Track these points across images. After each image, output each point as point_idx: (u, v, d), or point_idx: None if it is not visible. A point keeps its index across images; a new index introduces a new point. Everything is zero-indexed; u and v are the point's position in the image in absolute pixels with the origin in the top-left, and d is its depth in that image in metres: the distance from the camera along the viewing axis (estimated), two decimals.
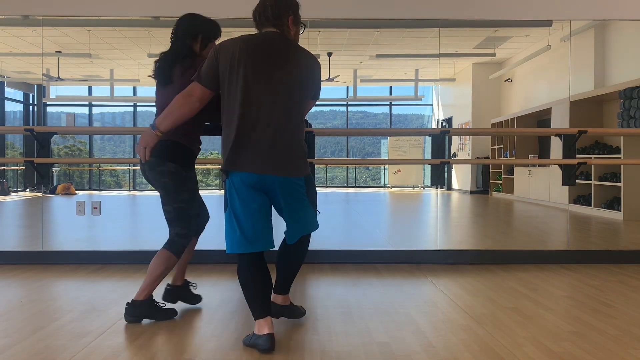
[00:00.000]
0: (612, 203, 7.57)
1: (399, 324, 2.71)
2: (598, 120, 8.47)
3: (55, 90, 12.28)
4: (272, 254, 2.66)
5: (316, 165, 4.47)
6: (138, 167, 13.28)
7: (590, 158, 7.39)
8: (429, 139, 11.61)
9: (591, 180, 7.94)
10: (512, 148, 10.18)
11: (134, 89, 12.19)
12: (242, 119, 2.36)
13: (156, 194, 2.80)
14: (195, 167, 2.88)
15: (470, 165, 10.90)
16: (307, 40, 2.74)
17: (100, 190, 13.00)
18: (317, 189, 5.93)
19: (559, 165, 4.56)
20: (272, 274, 2.47)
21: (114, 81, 11.13)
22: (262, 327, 2.34)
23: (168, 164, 2.68)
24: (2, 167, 11.72)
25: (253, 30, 2.65)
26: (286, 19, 2.52)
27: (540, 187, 9.19)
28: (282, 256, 2.67)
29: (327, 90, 13.03)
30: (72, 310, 2.93)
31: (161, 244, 2.79)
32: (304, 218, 2.56)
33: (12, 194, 11.56)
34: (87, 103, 12.78)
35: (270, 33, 2.50)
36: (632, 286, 3.55)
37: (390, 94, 13.13)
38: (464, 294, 3.34)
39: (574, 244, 5.17)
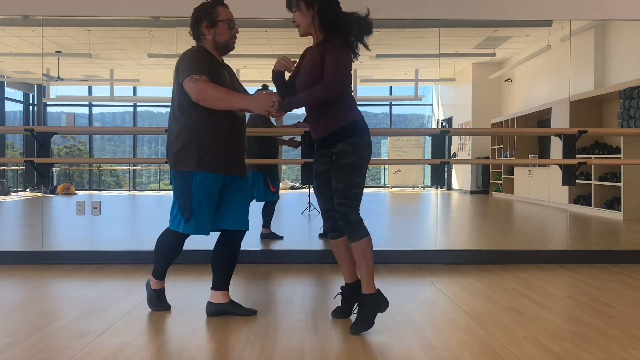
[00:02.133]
0: (612, 203, 7.57)
1: (399, 324, 2.70)
2: (598, 120, 8.47)
3: (55, 90, 12.27)
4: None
5: None
6: (138, 167, 13.32)
7: (590, 158, 7.39)
8: (429, 139, 11.61)
9: (591, 180, 7.94)
10: (512, 148, 10.18)
11: (134, 89, 12.17)
12: None
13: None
14: None
15: (470, 165, 10.89)
16: (308, 40, 2.74)
17: (100, 190, 12.99)
18: None
19: (559, 165, 4.56)
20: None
21: (114, 81, 11.12)
22: None
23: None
24: (2, 167, 11.72)
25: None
26: (201, 28, 2.76)
27: (540, 187, 9.19)
28: None
29: None
30: (72, 310, 2.93)
31: None
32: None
33: (12, 194, 11.56)
34: (87, 103, 12.76)
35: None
36: (632, 286, 3.55)
37: (390, 94, 13.12)
38: (464, 294, 3.34)
39: (574, 244, 5.17)
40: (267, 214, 5.37)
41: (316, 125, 2.69)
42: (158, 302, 2.94)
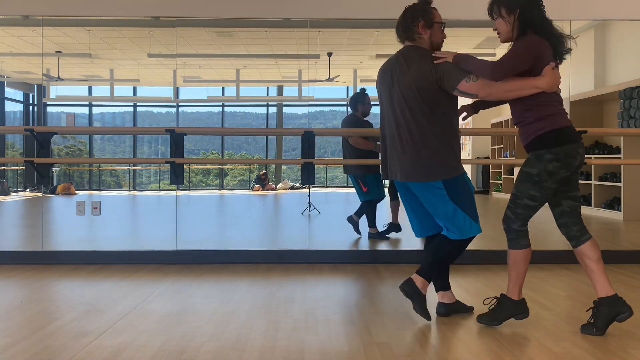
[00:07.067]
0: (612, 203, 7.57)
1: (399, 324, 2.70)
2: (598, 120, 8.47)
3: (55, 90, 12.28)
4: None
5: (316, 165, 4.48)
6: (138, 167, 13.31)
7: (590, 158, 7.38)
8: None
9: (591, 180, 7.94)
10: (512, 148, 10.18)
11: (134, 89, 12.18)
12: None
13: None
14: (196, 167, 2.87)
15: (470, 165, 10.89)
16: (307, 40, 2.75)
17: (100, 190, 12.99)
18: (317, 189, 5.90)
19: None
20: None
21: (114, 81, 11.12)
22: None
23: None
24: (2, 167, 11.73)
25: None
26: (416, 27, 2.66)
27: None
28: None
29: (327, 90, 13.02)
30: (72, 310, 2.93)
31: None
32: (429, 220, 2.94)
33: (12, 194, 11.57)
34: (87, 103, 12.77)
35: (402, 49, 2.71)
36: (632, 286, 3.55)
37: None
38: (464, 294, 3.34)
39: None
40: (368, 214, 5.45)
41: (520, 132, 2.68)
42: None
